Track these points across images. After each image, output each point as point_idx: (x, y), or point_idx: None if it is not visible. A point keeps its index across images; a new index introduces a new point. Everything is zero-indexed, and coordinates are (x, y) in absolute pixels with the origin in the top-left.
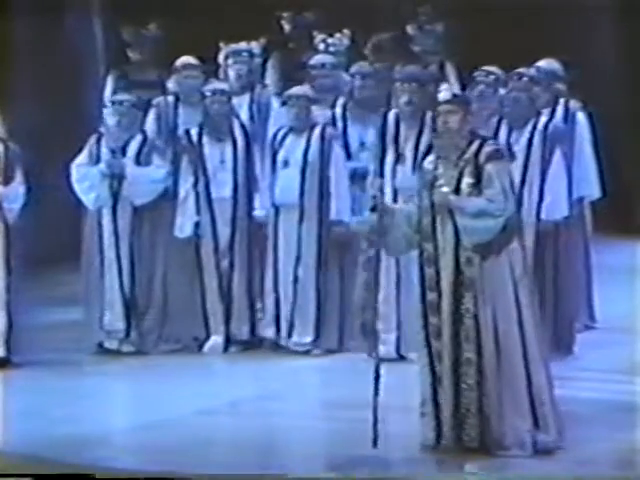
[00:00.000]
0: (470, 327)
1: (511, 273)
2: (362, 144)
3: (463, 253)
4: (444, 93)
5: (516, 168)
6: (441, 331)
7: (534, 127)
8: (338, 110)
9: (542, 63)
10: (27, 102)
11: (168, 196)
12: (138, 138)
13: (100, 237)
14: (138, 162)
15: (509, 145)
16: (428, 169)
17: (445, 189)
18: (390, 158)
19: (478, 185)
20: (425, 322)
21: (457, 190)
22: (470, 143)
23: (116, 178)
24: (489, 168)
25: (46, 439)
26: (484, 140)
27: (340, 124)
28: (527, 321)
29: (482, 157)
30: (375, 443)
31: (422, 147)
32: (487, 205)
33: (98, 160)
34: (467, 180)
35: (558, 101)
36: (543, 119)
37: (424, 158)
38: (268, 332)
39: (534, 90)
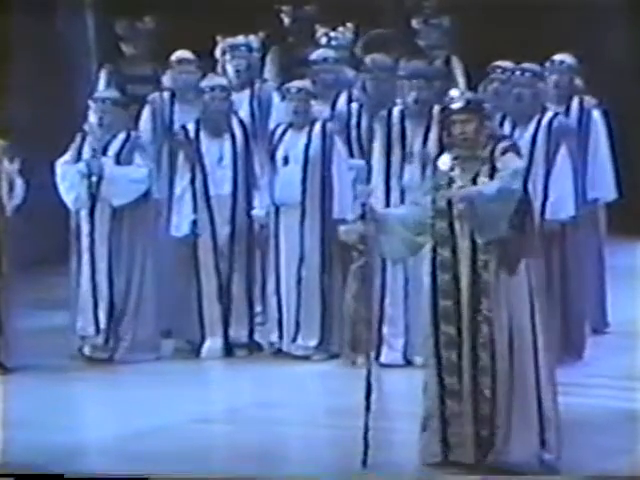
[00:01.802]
0: (486, 334)
1: (528, 281)
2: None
3: (480, 257)
4: (457, 102)
5: None
6: (455, 340)
7: (538, 123)
8: (354, 105)
9: (557, 57)
10: (19, 98)
11: (149, 197)
12: (121, 137)
13: (78, 239)
14: (119, 161)
15: None
16: (443, 170)
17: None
18: (396, 156)
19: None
20: (436, 331)
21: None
22: (486, 145)
23: (95, 178)
24: (504, 159)
25: (37, 448)
26: (499, 139)
27: (354, 120)
28: (540, 330)
29: (497, 153)
30: (365, 464)
31: (430, 144)
32: (500, 182)
33: (79, 159)
34: (482, 179)
35: (572, 98)
36: (548, 115)
37: (437, 157)
38: (270, 336)
39: (538, 85)
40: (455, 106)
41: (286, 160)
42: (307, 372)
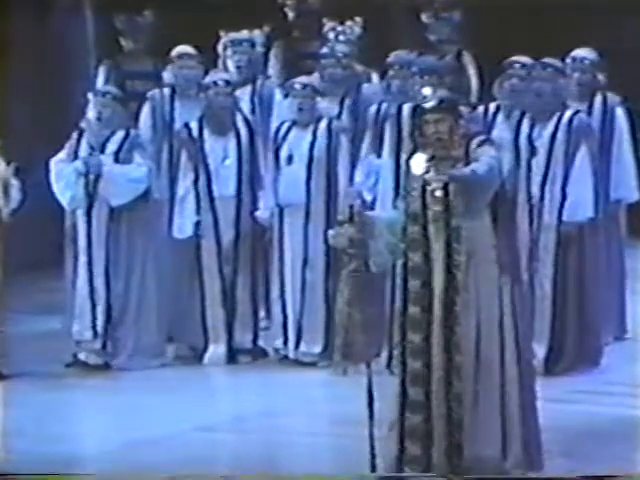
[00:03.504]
0: (458, 334)
1: (498, 276)
2: None
3: (455, 257)
4: (430, 100)
5: (538, 165)
6: (420, 349)
7: (558, 121)
8: (383, 105)
9: (578, 53)
10: (15, 97)
11: (149, 197)
12: (120, 134)
13: (75, 241)
14: (117, 160)
15: (531, 140)
16: (417, 174)
17: (438, 193)
18: (406, 154)
19: None
20: (403, 339)
21: (446, 189)
22: (460, 144)
23: (92, 177)
24: (480, 150)
25: (37, 457)
26: (473, 136)
27: (380, 120)
28: (507, 332)
29: (473, 146)
30: (373, 468)
31: None
32: (488, 163)
33: (76, 157)
34: None
35: (595, 95)
36: (568, 112)
37: (409, 158)
38: (274, 342)
39: (559, 81)
40: (428, 105)
41: (290, 159)
42: (312, 379)
